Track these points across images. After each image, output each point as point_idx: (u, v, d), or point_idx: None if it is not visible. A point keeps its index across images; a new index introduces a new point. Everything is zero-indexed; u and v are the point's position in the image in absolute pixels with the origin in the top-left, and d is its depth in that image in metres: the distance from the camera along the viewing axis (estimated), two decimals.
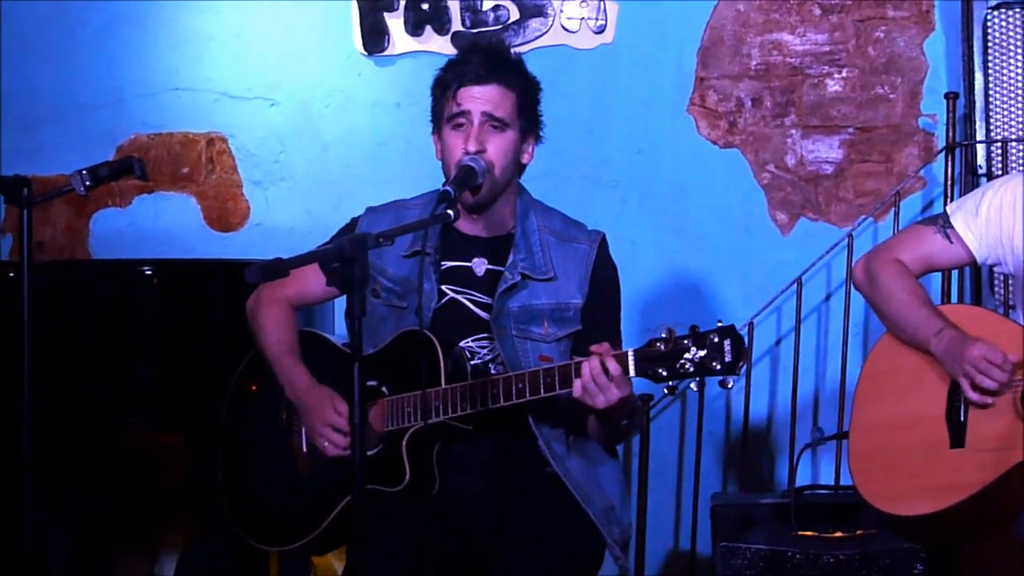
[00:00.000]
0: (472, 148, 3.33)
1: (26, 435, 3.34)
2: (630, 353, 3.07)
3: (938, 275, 4.51)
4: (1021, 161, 4.97)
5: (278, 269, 2.74)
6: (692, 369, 2.99)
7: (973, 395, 3.23)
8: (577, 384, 3.06)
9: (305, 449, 3.54)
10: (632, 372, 3.07)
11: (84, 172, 3.53)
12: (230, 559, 4.37)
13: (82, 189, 3.55)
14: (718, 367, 2.97)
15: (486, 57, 3.45)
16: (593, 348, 3.11)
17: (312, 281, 3.31)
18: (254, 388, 3.74)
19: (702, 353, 2.98)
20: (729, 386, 3.02)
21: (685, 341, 3.01)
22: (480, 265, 3.52)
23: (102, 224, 5.54)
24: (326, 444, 3.37)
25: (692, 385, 3.05)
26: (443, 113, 3.45)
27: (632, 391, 3.15)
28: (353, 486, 2.68)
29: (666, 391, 3.11)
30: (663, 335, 3.03)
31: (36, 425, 3.34)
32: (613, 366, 3.04)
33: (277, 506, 3.58)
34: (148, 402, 4.27)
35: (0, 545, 3.50)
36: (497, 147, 3.38)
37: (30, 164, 4.34)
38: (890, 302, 3.49)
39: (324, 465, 3.46)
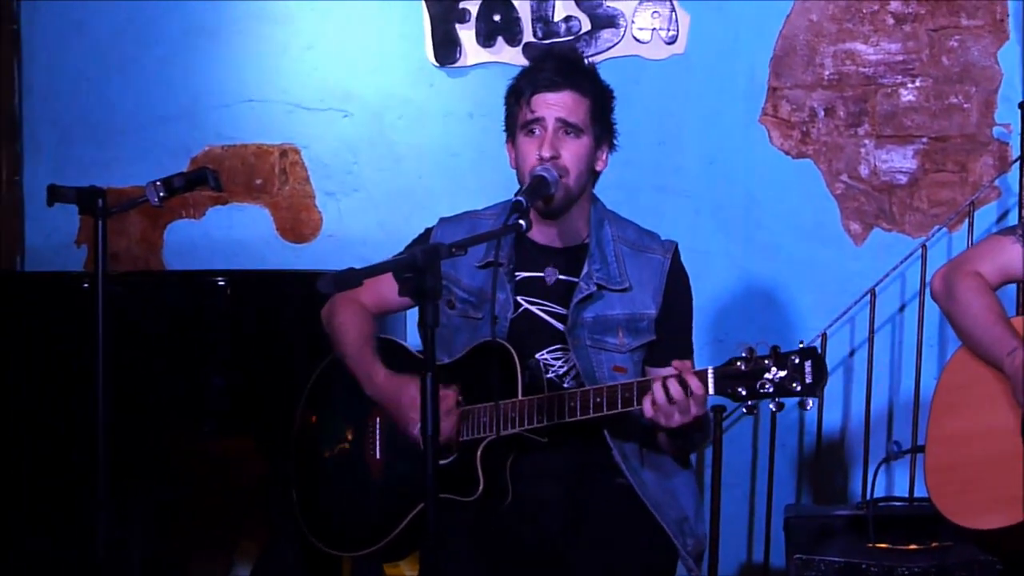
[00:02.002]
0: (547, 154, 3.32)
1: (101, 444, 3.33)
2: (710, 371, 3.06)
3: (1014, 285, 4.43)
4: None
5: (351, 279, 2.74)
6: (772, 390, 2.98)
7: None
8: (648, 404, 3.06)
9: (379, 456, 3.54)
10: (711, 390, 3.06)
11: (158, 183, 3.53)
12: (303, 567, 4.37)
13: (156, 200, 3.55)
14: (798, 388, 2.96)
15: (560, 64, 3.46)
16: (674, 364, 3.11)
17: (387, 290, 3.23)
18: (327, 397, 3.74)
19: (783, 374, 2.97)
20: (808, 407, 2.99)
21: (766, 361, 2.99)
22: (551, 275, 3.51)
23: (176, 235, 5.57)
24: (417, 427, 3.28)
25: (771, 406, 3.00)
26: (517, 121, 3.44)
27: (707, 408, 3.15)
28: (426, 494, 2.68)
29: (745, 410, 3.06)
30: (744, 354, 3.02)
31: (111, 434, 3.34)
32: (695, 384, 3.02)
33: (349, 512, 3.58)
34: (221, 410, 4.27)
35: (76, 548, 3.49)
36: (572, 153, 3.37)
37: (105, 175, 4.35)
38: (966, 317, 3.45)
39: (397, 472, 3.47)
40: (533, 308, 3.49)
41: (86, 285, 3.51)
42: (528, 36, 5.37)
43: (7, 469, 4.22)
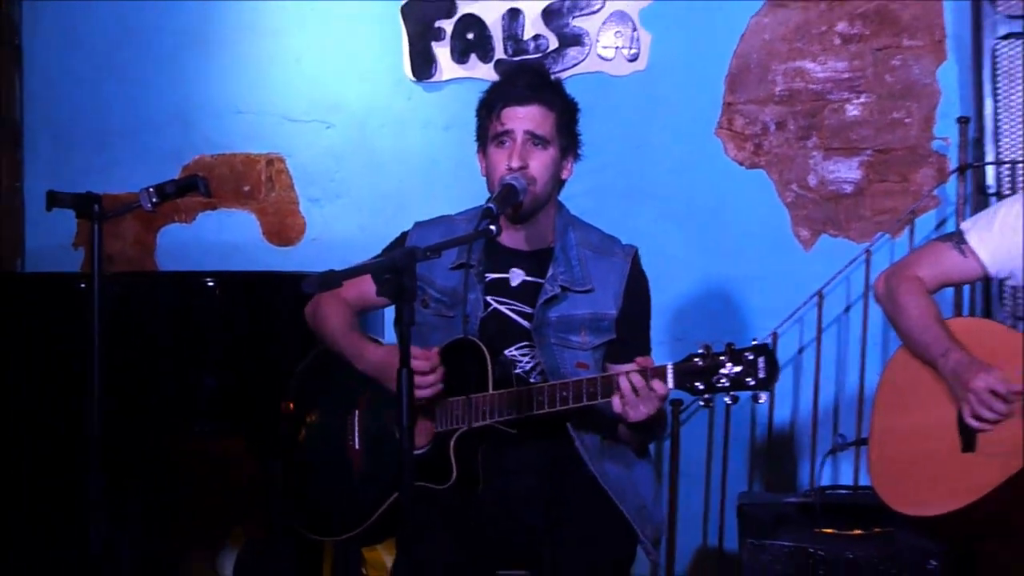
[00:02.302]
0: (515, 164, 3.35)
1: (94, 441, 3.32)
2: (670, 367, 3.08)
3: (951, 288, 4.45)
4: None
5: (333, 280, 2.81)
6: (727, 384, 3.01)
7: (973, 423, 3.25)
8: (617, 400, 3.09)
9: (358, 447, 3.54)
10: (671, 385, 3.08)
11: (151, 189, 3.54)
12: (287, 554, 4.36)
13: (149, 205, 3.55)
14: (752, 383, 2.99)
15: (528, 79, 3.48)
16: (636, 361, 3.13)
17: (367, 290, 3.17)
18: (310, 392, 3.74)
19: (737, 369, 3.00)
20: (761, 400, 3.01)
21: (722, 358, 3.02)
22: (516, 276, 3.53)
23: (168, 238, 5.56)
24: (420, 385, 3.24)
25: (726, 399, 3.03)
26: (488, 132, 3.47)
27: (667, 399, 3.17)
28: (401, 485, 2.72)
29: (702, 404, 3.08)
30: (701, 351, 3.06)
31: (105, 431, 3.33)
32: (657, 384, 3.06)
33: (330, 500, 3.57)
34: (211, 408, 4.26)
35: (71, 547, 3.48)
36: (539, 163, 3.40)
37: (101, 181, 4.34)
38: (906, 318, 3.50)
39: (375, 461, 3.48)
40: (502, 307, 3.50)
41: (83, 285, 3.50)
42: (499, 53, 5.38)
43: (5, 468, 4.20)
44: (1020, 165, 4.94)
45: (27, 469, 4.19)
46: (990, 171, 4.94)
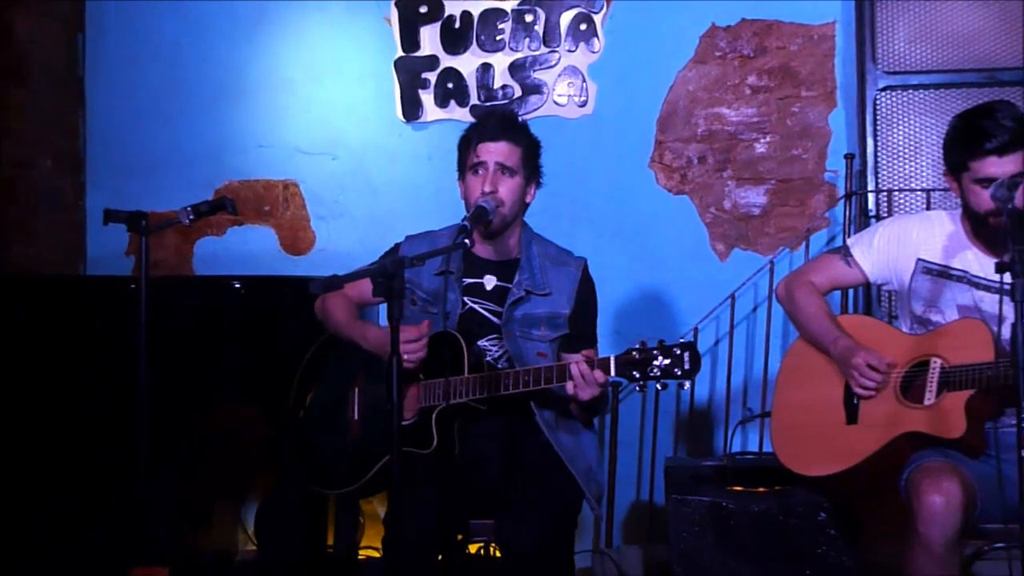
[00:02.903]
0: (488, 189, 3.38)
1: (142, 412, 3.35)
2: (612, 359, 3.13)
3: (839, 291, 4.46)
4: (902, 207, 4.97)
5: (335, 283, 2.95)
6: (659, 374, 3.06)
7: (859, 391, 3.30)
8: (570, 385, 3.14)
9: (356, 417, 3.54)
10: (612, 373, 3.13)
11: (189, 208, 3.60)
12: (298, 505, 4.34)
13: (187, 221, 3.60)
14: (679, 373, 3.05)
15: (499, 121, 3.53)
16: (583, 353, 3.23)
17: (364, 290, 3.26)
18: (317, 373, 3.74)
19: (667, 362, 3.06)
20: (685, 387, 3.04)
21: (655, 352, 3.07)
22: (489, 281, 3.54)
23: (202, 248, 5.52)
24: (408, 355, 3.26)
25: (657, 385, 3.08)
26: (466, 163, 3.49)
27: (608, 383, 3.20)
28: (391, 448, 2.73)
29: (637, 388, 3.11)
30: (637, 346, 3.11)
31: (150, 403, 3.35)
32: (599, 373, 3.11)
33: (334, 461, 3.56)
34: (234, 385, 4.25)
35: (123, 497, 3.45)
36: (507, 189, 3.43)
37: (148, 202, 4.28)
38: (802, 314, 3.52)
39: (370, 430, 3.47)
40: (476, 306, 3.52)
41: (132, 286, 3.49)
42: (474, 99, 5.35)
43: (73, 431, 4.17)
44: (895, 193, 4.98)
45: (88, 433, 4.16)
46: (871, 198, 4.96)
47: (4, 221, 5.15)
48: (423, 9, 5.39)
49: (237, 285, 4.28)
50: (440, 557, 3.23)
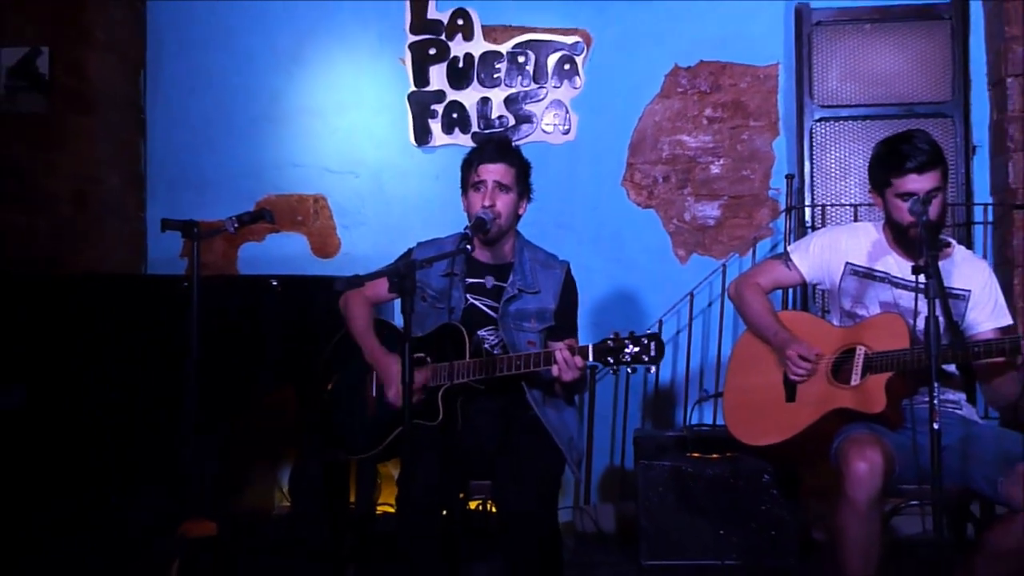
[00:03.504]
0: (487, 203, 3.40)
1: (191, 391, 3.35)
2: (590, 347, 3.14)
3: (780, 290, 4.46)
4: (834, 219, 4.98)
5: (356, 281, 2.94)
6: (629, 359, 3.08)
7: (793, 378, 3.31)
8: (554, 368, 3.14)
9: (374, 395, 3.53)
10: (590, 359, 3.14)
11: (234, 218, 3.60)
12: (325, 469, 4.35)
13: (232, 229, 3.60)
14: (647, 359, 3.07)
15: (496, 146, 3.53)
16: (566, 342, 3.20)
17: (381, 288, 3.34)
18: (341, 358, 3.72)
19: (636, 349, 3.07)
20: (651, 371, 3.06)
21: (625, 340, 3.08)
22: (489, 281, 3.54)
23: (245, 252, 5.52)
24: (392, 395, 3.37)
25: (628, 369, 3.11)
26: (468, 181, 3.50)
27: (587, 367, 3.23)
28: (403, 421, 2.79)
29: (611, 371, 3.15)
30: (612, 336, 3.11)
31: (200, 384, 3.36)
32: (579, 359, 3.13)
33: (355, 431, 3.56)
34: (274, 368, 4.23)
35: (173, 466, 3.46)
36: (503, 203, 3.43)
37: (199, 212, 4.29)
38: (748, 310, 3.53)
39: (386, 406, 3.45)
40: (476, 302, 3.52)
41: (185, 284, 3.49)
42: (475, 127, 5.35)
43: (135, 405, 4.17)
44: (828, 207, 4.99)
45: (148, 406, 4.15)
46: (808, 211, 4.97)
47: (78, 229, 5.16)
48: (432, 51, 5.39)
49: (275, 283, 4.26)
50: (444, 512, 3.24)
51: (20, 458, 4.17)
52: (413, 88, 5.41)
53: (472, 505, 4.08)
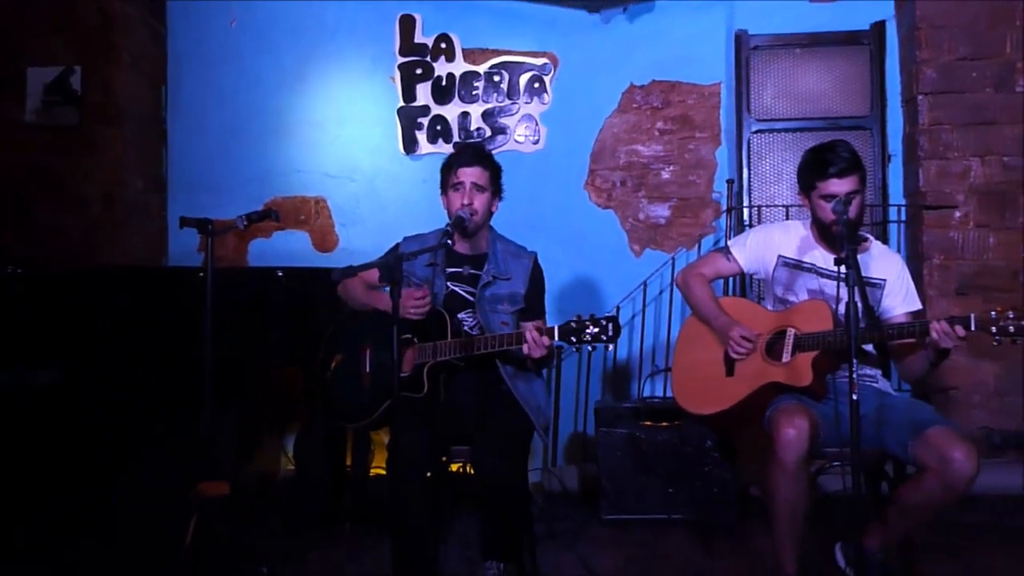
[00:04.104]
0: (465, 202, 3.41)
1: (207, 369, 3.34)
2: (556, 328, 3.14)
3: (722, 279, 4.47)
4: (768, 217, 4.98)
5: (350, 272, 3.01)
6: (590, 339, 3.09)
7: (733, 355, 3.31)
8: (524, 347, 3.15)
9: (368, 370, 3.50)
10: (556, 339, 3.14)
11: (243, 217, 3.56)
12: (325, 436, 4.34)
13: (242, 226, 3.56)
14: (605, 339, 3.08)
15: (473, 151, 3.53)
16: (534, 324, 3.19)
17: (374, 276, 3.33)
18: (339, 339, 3.69)
19: (596, 330, 3.09)
20: (609, 349, 3.08)
21: (587, 322, 3.09)
22: (467, 270, 3.53)
23: (255, 247, 5.48)
24: (412, 307, 3.30)
25: (589, 348, 3.12)
26: (448, 182, 3.49)
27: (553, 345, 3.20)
28: (392, 395, 2.84)
29: (575, 350, 3.16)
30: (575, 318, 3.12)
31: (215, 363, 3.34)
32: (545, 339, 3.14)
33: (352, 403, 3.52)
34: (280, 348, 4.21)
35: (195, 432, 3.44)
36: (479, 201, 3.44)
37: (214, 212, 4.25)
38: (694, 297, 3.53)
39: (378, 381, 3.44)
40: (456, 289, 3.51)
41: (201, 275, 3.48)
42: (456, 137, 5.33)
43: (156, 378, 4.15)
44: (763, 208, 4.99)
45: (167, 380, 4.13)
46: (746, 212, 4.98)
47: (106, 226, 5.13)
48: (419, 71, 5.36)
49: (280, 274, 4.24)
50: (429, 474, 3.22)
51: (60, 424, 4.16)
52: (402, 103, 5.38)
53: (454, 467, 4.07)
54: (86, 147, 5.16)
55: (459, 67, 5.37)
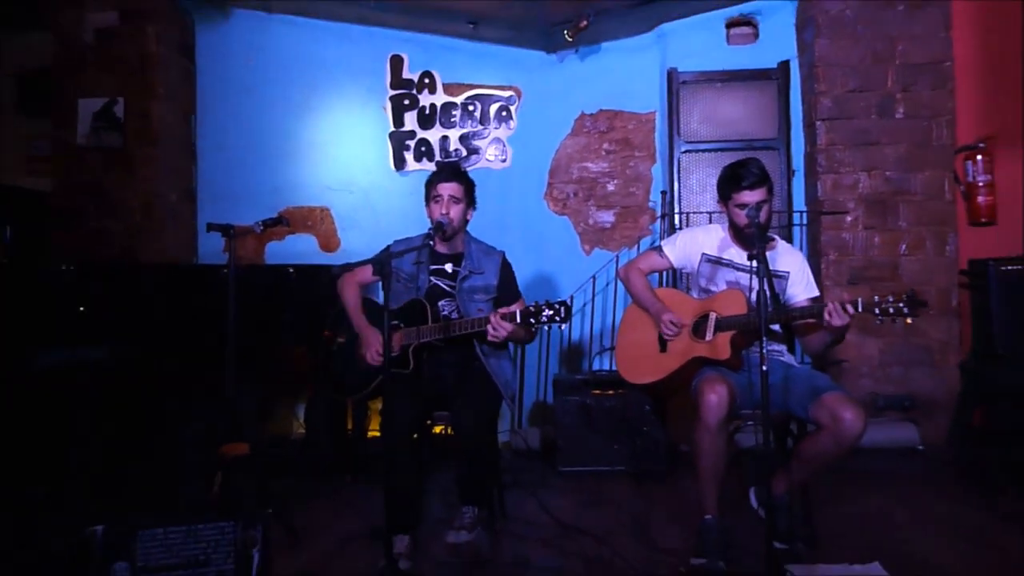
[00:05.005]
0: (444, 212, 3.38)
1: (230, 350, 3.28)
2: (517, 312, 3.10)
3: (657, 273, 4.47)
4: (694, 222, 4.97)
5: (347, 267, 3.00)
6: (546, 320, 3.03)
7: (665, 336, 3.30)
8: (488, 328, 3.13)
9: (363, 353, 3.44)
10: (518, 321, 3.10)
11: (260, 222, 3.54)
12: (329, 405, 4.31)
13: (259, 230, 3.54)
14: (559, 319, 3.02)
15: (451, 169, 3.48)
16: (500, 311, 3.16)
17: (367, 273, 3.37)
18: (339, 324, 3.66)
19: (551, 312, 3.03)
20: (563, 329, 3.06)
21: (543, 307, 3.04)
22: (448, 266, 3.48)
23: (270, 248, 5.43)
24: (370, 357, 3.34)
25: (546, 327, 3.09)
26: (430, 195, 3.46)
27: (520, 328, 3.16)
28: (384, 371, 2.75)
29: (534, 330, 3.13)
30: (533, 304, 3.07)
31: (237, 344, 3.31)
32: (505, 323, 3.11)
33: (350, 379, 3.49)
34: (291, 331, 4.17)
35: (219, 400, 3.41)
36: (455, 211, 3.41)
37: (235, 218, 4.16)
38: (633, 288, 3.50)
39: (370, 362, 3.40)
40: (438, 282, 3.47)
41: (225, 271, 3.44)
42: (437, 156, 5.31)
43: (186, 362, 4.10)
44: (690, 214, 5.00)
45: (197, 361, 4.08)
46: (676, 217, 4.99)
47: (145, 231, 5.08)
48: (406, 102, 5.33)
49: (291, 271, 4.21)
50: (415, 435, 3.20)
51: (110, 392, 4.11)
52: (392, 128, 5.35)
53: (436, 430, 4.07)
54: (128, 165, 5.12)
55: (440, 98, 5.34)
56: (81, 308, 4.05)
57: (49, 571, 2.40)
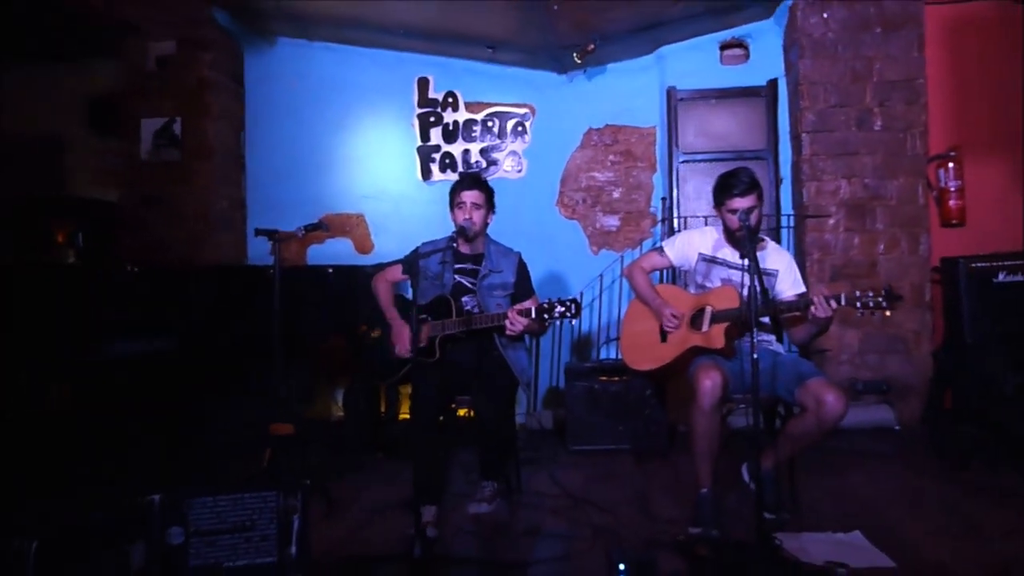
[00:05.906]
0: (467, 217, 3.38)
1: (276, 342, 3.30)
2: (532, 309, 3.12)
3: (658, 271, 4.46)
4: (692, 225, 4.93)
5: (381, 267, 3.07)
6: (558, 316, 3.05)
7: (666, 328, 3.29)
8: (507, 323, 3.14)
9: (394, 344, 3.45)
10: (533, 316, 3.11)
11: (302, 227, 3.54)
12: (366, 390, 4.33)
13: (301, 235, 3.54)
14: (569, 315, 3.05)
15: (472, 178, 3.49)
16: (517, 307, 3.17)
17: (398, 272, 3.37)
18: (374, 319, 3.67)
19: (563, 308, 3.05)
20: (573, 323, 3.05)
21: (555, 303, 3.06)
22: (469, 266, 3.48)
23: (312, 250, 5.47)
24: (401, 347, 3.34)
25: (558, 321, 3.10)
26: (454, 202, 3.46)
27: (534, 323, 3.18)
28: (413, 359, 2.79)
29: (547, 325, 3.13)
30: (547, 301, 3.09)
31: (283, 335, 3.32)
32: (522, 318, 3.13)
33: (383, 365, 3.49)
34: (329, 325, 4.18)
35: (264, 387, 3.42)
36: (477, 216, 3.41)
37: (280, 224, 4.21)
38: (636, 285, 3.49)
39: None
40: (462, 280, 3.47)
41: (271, 271, 3.46)
42: (460, 168, 5.31)
43: (239, 351, 4.12)
44: (688, 218, 4.97)
45: (247, 351, 4.09)
46: (675, 221, 4.97)
47: (201, 236, 5.13)
48: (432, 119, 5.35)
49: (330, 271, 4.21)
50: (440, 417, 3.21)
51: (171, 378, 4.16)
52: (420, 143, 5.36)
53: (460, 412, 4.07)
54: (185, 178, 5.16)
55: (462, 116, 5.34)
56: (146, 304, 4.09)
57: (114, 533, 2.43)
